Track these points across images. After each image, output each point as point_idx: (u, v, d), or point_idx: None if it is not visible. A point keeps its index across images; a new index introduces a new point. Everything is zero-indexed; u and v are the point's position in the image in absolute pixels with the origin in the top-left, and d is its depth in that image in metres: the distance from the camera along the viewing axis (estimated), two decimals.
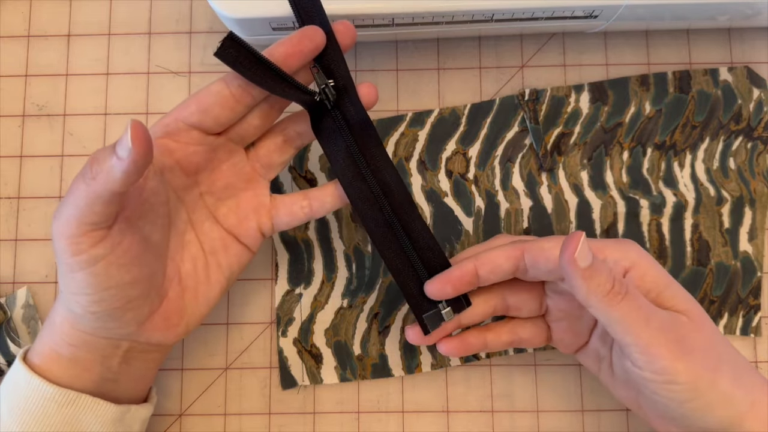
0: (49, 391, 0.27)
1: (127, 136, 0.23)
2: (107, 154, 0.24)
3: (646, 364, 0.26)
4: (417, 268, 0.30)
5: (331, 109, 0.29)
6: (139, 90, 0.37)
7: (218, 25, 0.38)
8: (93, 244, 0.25)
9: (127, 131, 0.23)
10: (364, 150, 0.30)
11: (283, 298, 0.36)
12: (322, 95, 0.29)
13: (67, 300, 0.27)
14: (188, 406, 0.35)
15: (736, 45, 0.38)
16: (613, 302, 0.26)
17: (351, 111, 0.29)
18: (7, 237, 0.36)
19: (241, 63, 0.26)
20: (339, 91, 0.29)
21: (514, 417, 0.35)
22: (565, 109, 0.37)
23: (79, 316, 0.27)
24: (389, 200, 0.30)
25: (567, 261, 0.26)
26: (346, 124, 0.29)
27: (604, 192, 0.36)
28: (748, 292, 0.36)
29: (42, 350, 0.28)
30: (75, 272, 0.25)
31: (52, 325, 0.28)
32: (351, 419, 0.35)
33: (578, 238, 0.26)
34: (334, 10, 0.31)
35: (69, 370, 0.28)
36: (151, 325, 0.28)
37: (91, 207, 0.24)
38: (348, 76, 0.29)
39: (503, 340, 0.32)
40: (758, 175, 0.36)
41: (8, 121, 0.37)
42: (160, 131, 0.28)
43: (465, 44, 0.38)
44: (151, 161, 0.24)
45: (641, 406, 0.30)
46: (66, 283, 0.26)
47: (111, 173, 0.23)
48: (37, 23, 0.38)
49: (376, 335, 0.36)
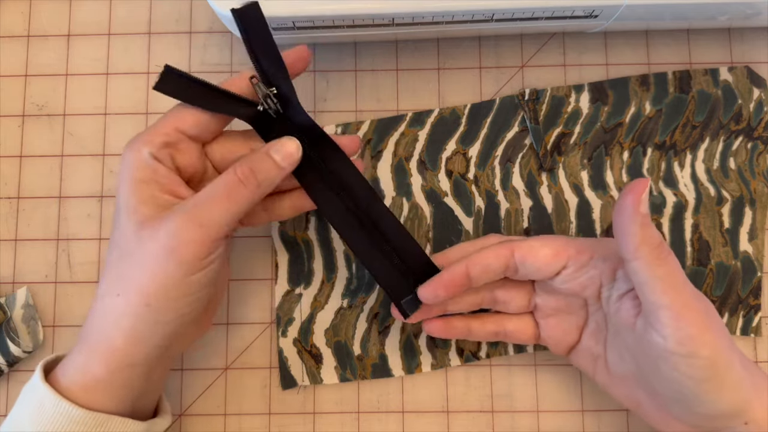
0: (79, 415, 0.27)
1: (287, 149, 0.28)
2: (269, 165, 0.28)
3: (674, 330, 0.26)
4: (390, 257, 0.31)
5: (277, 117, 0.30)
6: (139, 90, 0.37)
7: (218, 25, 0.38)
8: (221, 245, 0.27)
9: (290, 147, 0.28)
10: (320, 153, 0.30)
11: (283, 298, 0.36)
12: (264, 104, 0.29)
13: (155, 312, 0.26)
14: (188, 406, 0.35)
15: (736, 45, 0.38)
16: (660, 256, 0.26)
17: (297, 119, 0.30)
18: (7, 237, 0.36)
19: (181, 91, 0.27)
20: (283, 101, 0.29)
21: (514, 417, 0.35)
22: (565, 109, 0.37)
23: (160, 327, 0.27)
24: (353, 199, 0.30)
25: (631, 202, 0.26)
26: (295, 129, 0.30)
27: (605, 192, 0.36)
28: (749, 292, 0.36)
29: (75, 373, 0.27)
30: (193, 274, 0.26)
31: (96, 349, 0.27)
32: (351, 419, 0.35)
33: (645, 185, 0.26)
34: (335, 10, 0.31)
35: (108, 393, 0.27)
36: (202, 323, 0.30)
37: (245, 210, 0.27)
38: (292, 89, 0.29)
39: (488, 329, 0.33)
40: (758, 175, 0.36)
41: (8, 121, 0.37)
42: (159, 140, 0.28)
43: (465, 44, 0.38)
44: None
45: (641, 404, 0.30)
46: (167, 291, 0.26)
47: (273, 181, 0.28)
48: (37, 23, 0.38)
49: (376, 335, 0.36)
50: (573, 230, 0.36)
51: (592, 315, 0.31)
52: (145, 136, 0.28)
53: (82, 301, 0.36)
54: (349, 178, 0.30)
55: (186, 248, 0.26)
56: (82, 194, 0.37)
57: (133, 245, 0.27)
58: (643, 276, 0.26)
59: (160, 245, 0.26)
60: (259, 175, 0.28)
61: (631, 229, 0.26)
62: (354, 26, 0.33)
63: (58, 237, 0.36)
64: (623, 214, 0.26)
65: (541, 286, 0.32)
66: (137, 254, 0.27)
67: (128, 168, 0.27)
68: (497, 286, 0.32)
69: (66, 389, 0.27)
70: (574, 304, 0.32)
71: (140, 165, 0.27)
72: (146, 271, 0.26)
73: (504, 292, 0.32)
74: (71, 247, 0.36)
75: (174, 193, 0.28)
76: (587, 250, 0.29)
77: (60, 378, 0.28)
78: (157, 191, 0.27)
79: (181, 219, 0.26)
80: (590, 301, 0.31)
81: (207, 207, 0.27)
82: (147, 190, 0.27)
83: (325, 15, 0.31)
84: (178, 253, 0.26)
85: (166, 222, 0.26)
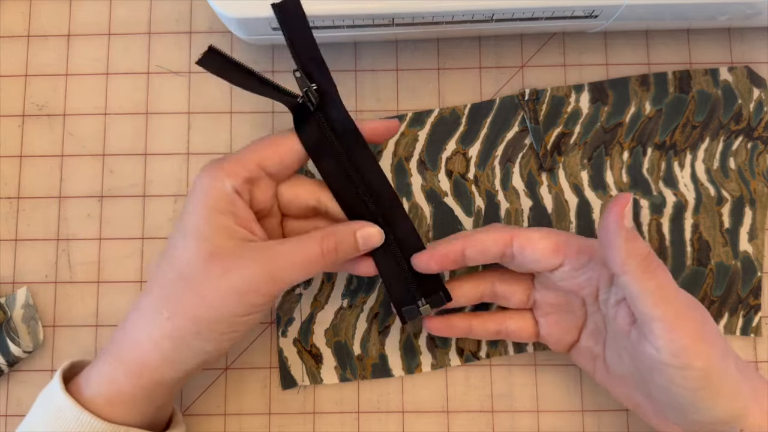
0: (101, 427, 0.27)
1: (370, 234, 0.29)
2: (351, 244, 0.29)
3: (668, 342, 0.26)
4: (400, 263, 0.31)
5: (314, 111, 0.30)
6: (139, 90, 0.37)
7: (218, 25, 0.38)
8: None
9: (374, 235, 0.29)
10: (348, 150, 0.30)
11: (283, 298, 0.36)
12: (305, 98, 0.29)
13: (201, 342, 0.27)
14: (188, 406, 0.35)
15: (736, 45, 0.38)
16: (649, 269, 0.26)
17: (334, 114, 0.30)
18: (7, 237, 0.36)
19: (225, 70, 0.27)
20: (322, 96, 0.30)
21: (514, 417, 0.35)
22: (565, 109, 0.37)
23: (200, 355, 0.28)
24: (374, 199, 0.30)
25: (614, 219, 0.26)
26: (328, 125, 0.30)
27: (605, 192, 0.36)
28: (749, 292, 0.36)
29: (100, 384, 0.27)
30: (248, 315, 0.27)
31: (127, 363, 0.27)
32: (351, 419, 0.35)
33: (627, 199, 0.26)
34: (335, 10, 0.31)
35: (130, 407, 0.27)
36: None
37: (312, 273, 0.29)
38: (331, 82, 0.30)
39: (489, 328, 0.33)
40: (758, 175, 0.36)
41: (8, 121, 0.37)
42: (243, 175, 0.28)
43: (465, 44, 0.38)
44: None
45: (639, 404, 0.30)
46: (219, 325, 0.27)
47: (347, 258, 0.29)
48: (37, 23, 0.38)
49: (376, 335, 0.36)
50: (573, 230, 0.36)
51: (590, 315, 0.31)
52: (228, 166, 0.28)
53: (82, 301, 0.36)
54: (374, 178, 0.30)
55: (255, 296, 0.27)
56: (82, 194, 0.37)
57: (198, 274, 0.27)
58: (633, 290, 0.26)
59: (231, 285, 0.26)
60: (339, 253, 0.29)
61: (616, 243, 0.26)
62: (354, 26, 0.33)
63: (58, 237, 0.36)
64: (608, 230, 0.26)
65: (540, 281, 0.32)
66: (199, 284, 0.27)
67: (205, 195, 0.27)
68: (498, 281, 0.32)
69: (89, 401, 0.27)
70: (573, 302, 0.32)
71: (220, 196, 0.27)
72: (206, 302, 0.26)
73: (505, 287, 0.32)
74: (71, 247, 0.36)
75: (249, 229, 0.28)
76: (587, 252, 0.29)
77: (83, 388, 0.28)
78: (233, 224, 0.27)
79: (257, 269, 0.27)
80: (588, 302, 0.31)
81: (284, 267, 0.27)
82: (222, 221, 0.27)
83: (325, 15, 0.31)
84: (247, 298, 0.27)
85: (241, 265, 0.27)
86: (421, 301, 0.31)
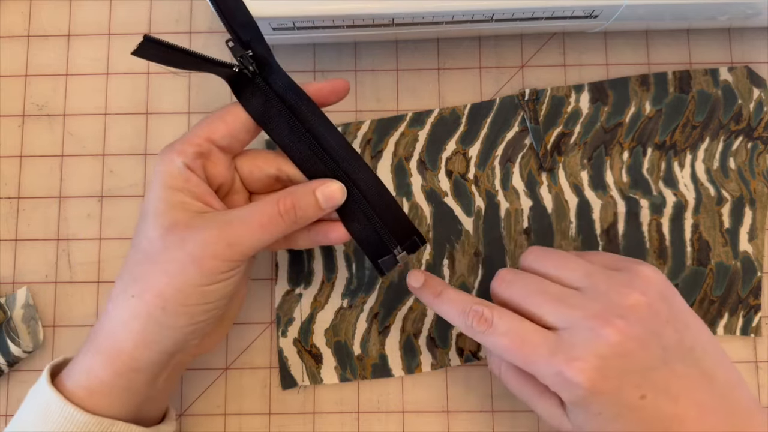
0: (83, 419, 0.27)
1: (330, 190, 0.28)
2: (311, 203, 0.28)
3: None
4: (368, 215, 0.30)
5: (254, 78, 0.30)
6: (139, 90, 0.37)
7: (218, 25, 0.38)
8: (243, 264, 0.28)
9: (335, 191, 0.29)
10: (295, 112, 0.30)
11: (283, 298, 0.36)
12: (240, 65, 0.29)
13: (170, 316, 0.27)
14: (188, 406, 0.35)
15: (736, 45, 0.38)
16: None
17: (274, 78, 0.30)
18: (7, 237, 0.36)
19: (163, 56, 0.27)
20: (260, 63, 0.29)
21: (514, 417, 0.35)
22: (565, 109, 0.37)
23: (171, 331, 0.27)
24: (330, 155, 0.30)
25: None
26: (271, 90, 0.30)
27: (605, 192, 0.36)
28: (749, 292, 0.36)
29: (80, 375, 0.28)
30: (212, 284, 0.27)
31: (102, 351, 0.27)
32: (351, 419, 0.35)
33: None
34: (335, 10, 0.31)
35: (112, 397, 0.27)
36: (213, 336, 0.30)
37: (274, 240, 0.28)
38: (266, 47, 0.30)
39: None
40: (758, 175, 0.36)
41: (8, 121, 0.37)
42: (192, 150, 0.28)
43: (465, 44, 0.38)
44: None
45: None
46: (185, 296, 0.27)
47: (310, 219, 0.29)
48: (37, 23, 0.38)
49: (376, 335, 0.36)
50: (573, 230, 0.36)
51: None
52: (177, 145, 0.28)
53: (82, 301, 0.36)
54: (329, 138, 0.30)
55: (210, 261, 0.26)
56: (82, 194, 0.37)
57: (157, 249, 0.27)
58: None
59: (186, 252, 0.26)
60: (299, 211, 0.28)
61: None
62: (354, 26, 0.33)
63: (58, 237, 0.36)
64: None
65: None
66: (159, 258, 0.27)
67: (160, 177, 0.28)
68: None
69: (71, 392, 0.27)
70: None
71: (173, 173, 0.27)
72: (166, 274, 0.26)
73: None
74: (71, 247, 0.36)
75: (205, 202, 0.28)
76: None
77: (65, 380, 0.28)
78: (188, 198, 0.27)
79: (212, 233, 0.27)
80: None
81: (240, 229, 0.27)
82: (178, 197, 0.27)
83: (325, 15, 0.31)
84: (202, 263, 0.26)
85: (195, 232, 0.27)
86: (397, 249, 0.30)
